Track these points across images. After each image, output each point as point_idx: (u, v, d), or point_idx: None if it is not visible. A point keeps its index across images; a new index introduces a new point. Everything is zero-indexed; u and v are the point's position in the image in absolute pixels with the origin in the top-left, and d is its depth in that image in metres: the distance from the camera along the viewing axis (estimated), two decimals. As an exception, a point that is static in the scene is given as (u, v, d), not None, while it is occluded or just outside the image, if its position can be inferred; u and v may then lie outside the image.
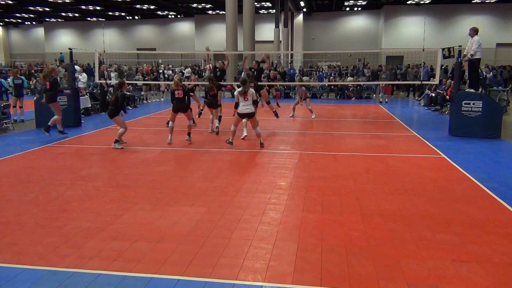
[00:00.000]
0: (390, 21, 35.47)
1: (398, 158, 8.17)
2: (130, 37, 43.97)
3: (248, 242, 4.33)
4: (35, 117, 11.68)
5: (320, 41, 38.23)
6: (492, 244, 4.29)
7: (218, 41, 35.69)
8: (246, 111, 8.63)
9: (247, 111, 8.63)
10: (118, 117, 9.03)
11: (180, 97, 9.28)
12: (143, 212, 5.20)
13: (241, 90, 8.65)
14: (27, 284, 3.54)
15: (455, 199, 5.70)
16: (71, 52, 12.09)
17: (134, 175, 6.89)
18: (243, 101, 8.60)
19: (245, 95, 8.62)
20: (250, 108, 8.63)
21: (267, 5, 35.13)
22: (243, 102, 8.60)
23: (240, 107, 8.63)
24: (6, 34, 48.70)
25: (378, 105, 17.72)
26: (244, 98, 8.55)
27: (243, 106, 8.61)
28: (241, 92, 8.65)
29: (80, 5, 36.05)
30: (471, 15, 33.23)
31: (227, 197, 5.78)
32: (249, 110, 8.62)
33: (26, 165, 7.55)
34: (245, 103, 8.60)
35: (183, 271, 3.73)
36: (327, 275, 3.67)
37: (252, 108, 8.65)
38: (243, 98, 8.58)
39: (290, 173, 7.00)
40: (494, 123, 10.03)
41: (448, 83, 15.24)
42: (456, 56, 10.72)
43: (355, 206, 5.41)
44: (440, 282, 3.57)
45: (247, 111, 8.64)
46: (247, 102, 8.59)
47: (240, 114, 8.71)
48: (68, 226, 4.74)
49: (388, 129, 11.68)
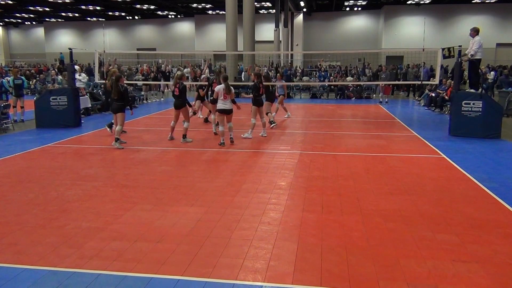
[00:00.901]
0: (390, 21, 35.48)
1: (398, 158, 8.17)
2: (130, 37, 44.00)
3: (248, 242, 4.33)
4: (35, 117, 11.68)
5: (320, 41, 38.23)
6: (492, 244, 4.28)
7: (218, 41, 35.75)
8: (224, 107, 9.04)
9: (225, 107, 9.05)
10: (122, 114, 8.98)
11: (176, 94, 9.41)
12: (143, 212, 5.20)
13: (225, 90, 9.00)
14: (27, 284, 3.54)
15: (455, 199, 5.70)
16: (71, 52, 12.09)
17: (134, 175, 6.89)
18: (222, 99, 9.02)
19: (226, 94, 9.02)
20: (228, 105, 9.07)
21: (267, 5, 35.14)
22: (222, 100, 9.02)
23: (219, 103, 9.05)
24: (6, 34, 48.73)
25: (378, 105, 17.71)
26: (224, 96, 8.97)
27: (222, 103, 9.03)
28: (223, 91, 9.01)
29: (80, 5, 36.07)
30: (471, 15, 33.26)
31: (227, 197, 5.77)
32: (227, 107, 9.06)
33: (26, 165, 7.55)
34: (225, 101, 9.04)
35: (183, 271, 3.73)
36: (327, 275, 3.67)
37: (230, 105, 9.10)
38: (223, 96, 8.97)
39: (290, 173, 7.00)
40: (494, 123, 10.02)
41: (448, 83, 15.22)
42: (456, 56, 10.72)
43: (355, 206, 5.41)
44: (440, 282, 3.57)
45: (226, 107, 9.06)
46: (227, 101, 9.04)
47: (219, 110, 9.09)
48: (68, 226, 4.74)
49: (388, 129, 11.67)
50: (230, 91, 9.03)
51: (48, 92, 11.96)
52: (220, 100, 9.04)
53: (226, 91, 8.97)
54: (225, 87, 8.98)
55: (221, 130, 9.14)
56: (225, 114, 9.16)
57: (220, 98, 9.03)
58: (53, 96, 11.47)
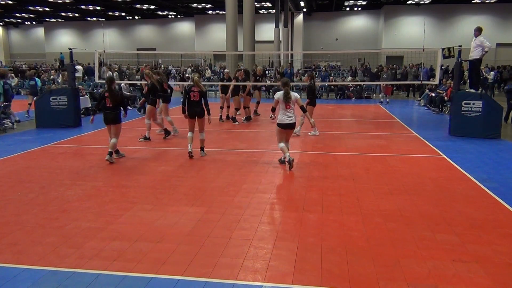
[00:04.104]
0: (390, 21, 35.48)
1: (398, 158, 8.17)
2: (130, 37, 43.99)
3: (248, 242, 4.33)
4: (35, 117, 11.68)
5: (320, 41, 38.23)
6: (492, 244, 4.28)
7: (218, 41, 35.74)
8: (289, 120, 7.28)
9: (289, 120, 7.28)
10: (120, 124, 7.85)
11: (196, 100, 7.92)
12: (143, 212, 5.20)
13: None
14: (27, 284, 3.54)
15: (455, 199, 5.70)
16: (71, 52, 12.08)
17: (134, 175, 6.89)
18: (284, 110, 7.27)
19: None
20: (293, 118, 7.34)
21: (267, 5, 35.14)
22: (284, 111, 7.27)
23: (281, 116, 7.30)
24: (6, 34, 48.73)
25: (378, 105, 17.72)
26: (287, 106, 7.22)
27: (285, 115, 7.26)
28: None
29: (80, 5, 36.07)
30: (471, 15, 33.26)
31: (227, 197, 5.78)
32: (291, 120, 7.30)
33: (26, 165, 7.54)
34: (288, 113, 7.26)
35: (183, 271, 3.73)
36: (327, 275, 3.67)
37: (294, 117, 7.38)
38: (285, 105, 7.23)
39: (290, 173, 7.00)
40: (494, 123, 10.02)
41: (448, 83, 15.22)
42: (456, 56, 10.72)
43: (355, 206, 5.41)
44: (440, 282, 3.57)
45: (290, 121, 7.30)
46: (290, 111, 7.27)
47: (281, 125, 7.30)
48: (68, 226, 4.74)
49: (388, 129, 11.68)
50: (289, 99, 7.19)
51: (48, 92, 11.98)
52: (282, 110, 7.26)
53: (285, 99, 7.17)
54: (283, 94, 7.19)
55: (282, 147, 7.31)
56: (288, 129, 7.37)
57: (281, 108, 7.26)
58: (53, 96, 11.47)
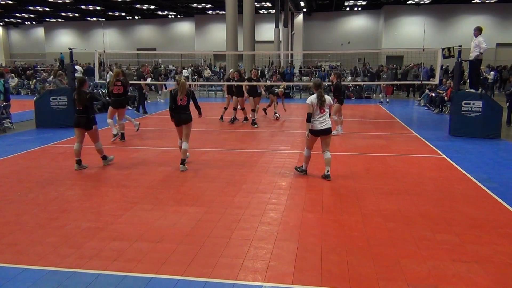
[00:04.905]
0: (390, 21, 35.48)
1: (398, 158, 8.17)
2: (130, 37, 43.98)
3: (248, 242, 4.33)
4: (35, 117, 11.68)
5: (320, 41, 38.23)
6: (492, 244, 4.28)
7: (218, 41, 35.74)
8: (322, 126, 6.62)
9: (323, 126, 6.62)
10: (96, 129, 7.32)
11: (183, 104, 7.14)
12: (143, 212, 5.20)
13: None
14: (27, 284, 3.54)
15: (455, 199, 5.70)
16: (71, 52, 12.08)
17: (134, 175, 6.89)
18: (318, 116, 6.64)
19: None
20: (328, 123, 6.68)
21: (267, 5, 35.13)
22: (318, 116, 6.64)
23: (314, 121, 6.64)
24: (6, 34, 48.71)
25: (378, 105, 17.72)
26: (321, 110, 6.62)
27: (319, 121, 6.63)
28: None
29: (80, 5, 36.06)
30: (471, 15, 33.25)
31: (227, 197, 5.77)
32: (325, 125, 6.63)
33: (26, 165, 7.54)
34: (322, 117, 6.64)
35: (183, 271, 3.73)
36: (327, 275, 3.67)
37: (329, 122, 6.73)
38: (319, 110, 6.62)
39: (290, 173, 7.00)
40: (494, 123, 10.02)
41: (448, 83, 15.22)
42: (456, 56, 10.73)
43: (355, 206, 5.41)
44: (440, 282, 3.57)
45: (324, 127, 6.63)
46: (324, 116, 6.66)
47: (314, 132, 6.71)
48: (68, 226, 4.74)
49: (388, 129, 11.68)
50: (324, 102, 6.57)
51: (48, 92, 11.98)
52: (315, 115, 6.59)
53: (319, 102, 6.55)
54: (317, 98, 6.57)
55: (307, 156, 6.90)
56: (322, 135, 6.70)
57: (315, 113, 6.60)
58: (53, 96, 11.48)
